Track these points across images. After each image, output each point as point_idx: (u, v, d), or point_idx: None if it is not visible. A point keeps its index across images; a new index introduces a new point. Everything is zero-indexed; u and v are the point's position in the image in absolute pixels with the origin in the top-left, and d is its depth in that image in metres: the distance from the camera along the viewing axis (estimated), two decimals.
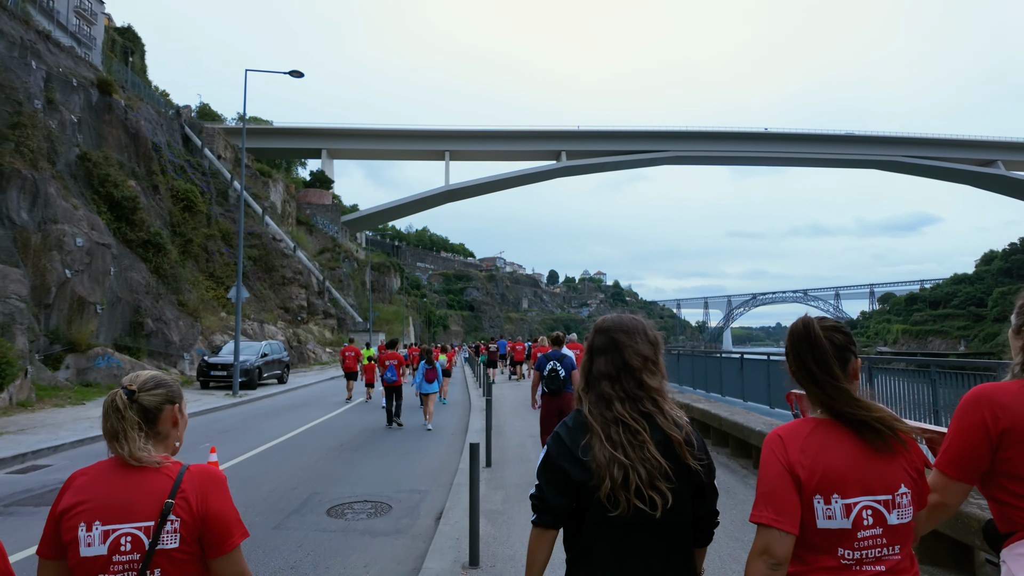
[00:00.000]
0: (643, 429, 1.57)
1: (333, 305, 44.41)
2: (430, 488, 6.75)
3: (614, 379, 1.65)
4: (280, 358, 22.00)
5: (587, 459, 1.55)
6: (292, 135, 73.40)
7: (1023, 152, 72.56)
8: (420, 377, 12.25)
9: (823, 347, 1.56)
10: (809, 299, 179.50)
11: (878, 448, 1.48)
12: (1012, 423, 1.53)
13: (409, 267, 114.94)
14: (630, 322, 1.75)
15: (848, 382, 1.56)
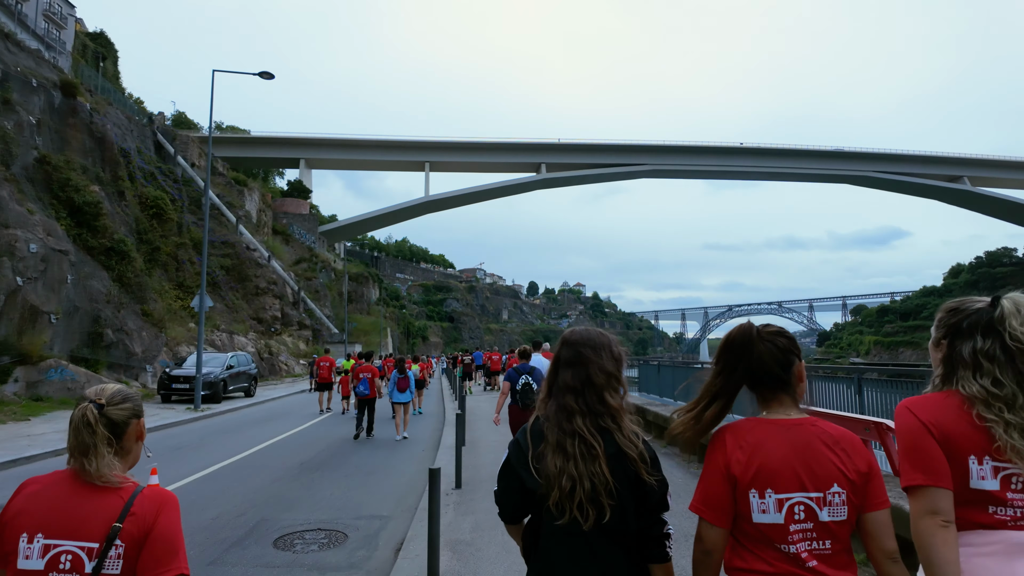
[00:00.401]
0: (598, 444, 1.61)
1: (308, 316, 43.44)
2: (393, 514, 6.17)
3: (578, 392, 1.68)
4: (248, 370, 21.18)
5: (539, 467, 1.61)
6: (269, 144, 72.39)
7: (988, 168, 74.65)
8: (392, 386, 12.20)
9: (765, 353, 1.64)
10: (784, 311, 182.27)
11: (811, 447, 1.55)
12: (940, 433, 1.56)
13: (388, 278, 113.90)
14: (597, 337, 1.79)
15: (794, 385, 1.66)
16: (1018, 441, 1.49)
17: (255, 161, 73.70)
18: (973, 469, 1.54)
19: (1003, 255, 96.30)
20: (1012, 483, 1.52)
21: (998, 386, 1.56)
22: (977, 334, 1.63)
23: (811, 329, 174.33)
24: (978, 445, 1.54)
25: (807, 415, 1.66)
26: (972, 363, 1.61)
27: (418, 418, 15.93)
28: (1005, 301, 1.63)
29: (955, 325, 1.69)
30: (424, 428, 13.87)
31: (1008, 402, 1.54)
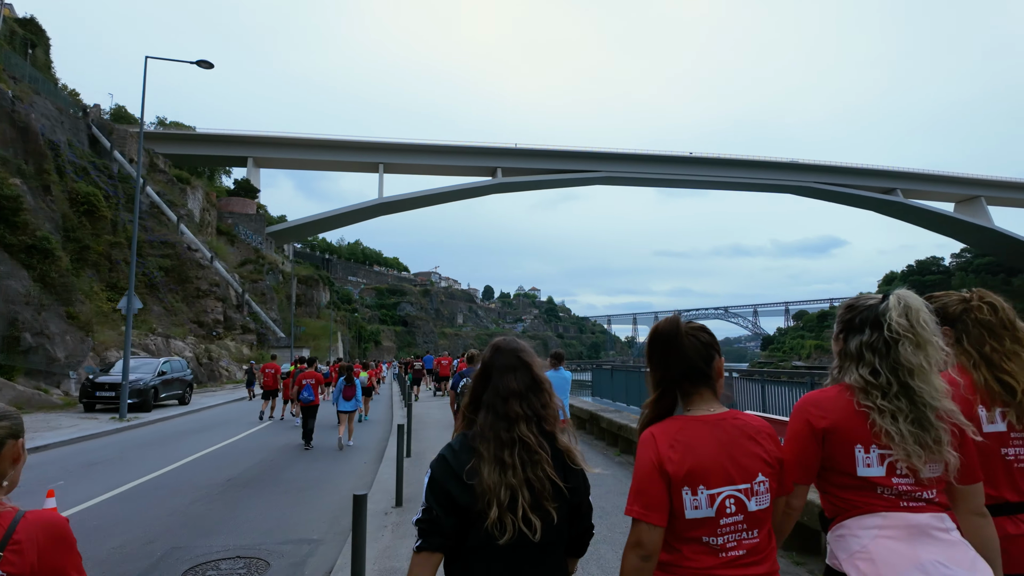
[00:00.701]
0: (543, 449, 1.58)
1: (253, 319, 41.72)
2: (325, 537, 5.62)
3: (523, 397, 1.63)
4: (182, 376, 19.95)
5: (472, 483, 1.53)
6: (216, 142, 69.56)
7: (919, 182, 78.88)
8: (338, 394, 11.85)
9: (689, 347, 1.67)
10: (730, 316, 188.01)
11: (736, 441, 1.60)
12: (833, 423, 1.66)
13: (340, 281, 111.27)
14: (527, 346, 1.75)
15: (714, 380, 1.69)
16: (891, 426, 1.60)
17: (201, 159, 70.74)
18: (859, 457, 1.64)
19: (931, 263, 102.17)
20: (897, 468, 1.61)
21: (875, 375, 1.66)
22: (866, 328, 1.72)
23: (756, 334, 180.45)
24: (865, 434, 1.64)
25: (726, 409, 1.70)
26: (857, 355, 1.72)
27: (364, 426, 15.36)
28: (891, 296, 1.72)
29: (850, 321, 1.79)
30: (370, 436, 13.33)
31: (883, 390, 1.64)
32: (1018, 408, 1.86)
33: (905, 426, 1.59)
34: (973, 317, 2.00)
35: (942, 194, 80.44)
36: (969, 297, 2.06)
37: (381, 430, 14.32)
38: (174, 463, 9.46)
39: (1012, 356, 1.92)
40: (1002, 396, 1.87)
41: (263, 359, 36.50)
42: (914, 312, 1.67)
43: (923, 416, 1.60)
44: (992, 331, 1.96)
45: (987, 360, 1.93)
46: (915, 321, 1.66)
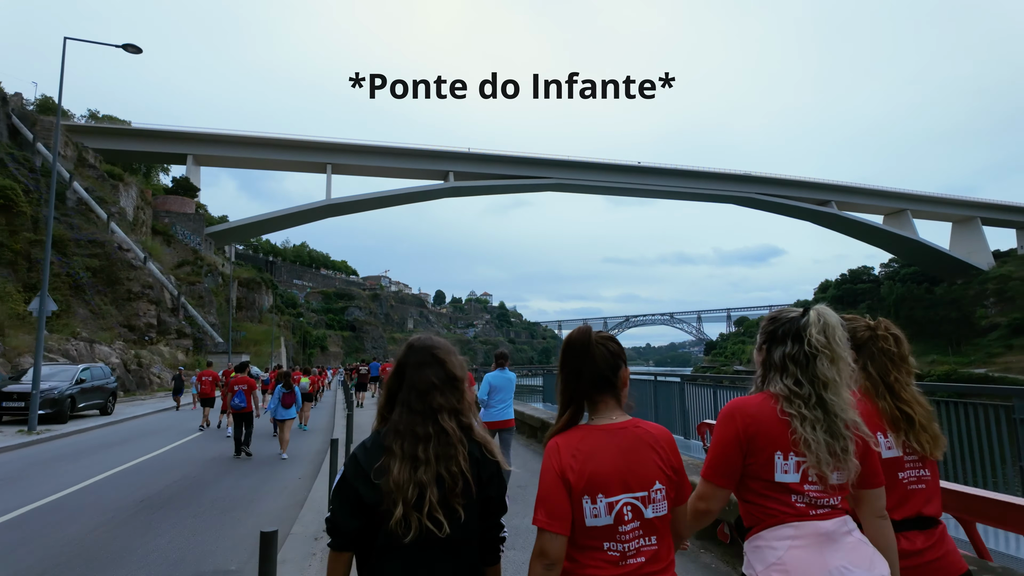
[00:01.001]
0: (462, 442, 1.60)
1: (189, 323, 39.68)
2: (243, 568, 5.01)
3: (441, 390, 1.64)
4: (104, 384, 18.54)
5: (379, 481, 1.53)
6: (153, 138, 66.25)
7: (851, 195, 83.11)
8: (275, 402, 11.48)
9: (599, 356, 1.70)
10: (675, 321, 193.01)
11: (636, 449, 1.64)
12: (757, 430, 1.73)
13: (285, 284, 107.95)
14: (444, 343, 1.76)
15: (619, 389, 1.73)
16: (810, 434, 1.67)
17: (137, 155, 67.20)
18: (778, 463, 1.71)
19: (862, 273, 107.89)
20: (809, 475, 1.69)
21: (799, 386, 1.74)
22: (788, 340, 1.80)
23: (699, 339, 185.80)
24: (784, 442, 1.71)
25: (629, 417, 1.72)
26: (780, 366, 1.79)
27: (304, 435, 14.68)
28: (811, 312, 1.80)
29: (772, 332, 1.86)
30: (308, 447, 12.70)
31: (805, 400, 1.72)
32: (914, 435, 2.02)
33: (820, 434, 1.68)
34: (880, 347, 2.14)
35: (872, 207, 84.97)
36: (875, 325, 2.20)
37: (320, 441, 13.71)
38: (83, 481, 8.57)
39: (907, 387, 2.10)
40: (900, 423, 2.02)
41: (200, 365, 34.77)
42: (831, 329, 1.77)
43: (835, 426, 1.70)
44: (894, 362, 2.12)
45: (890, 389, 2.08)
46: (831, 338, 1.76)
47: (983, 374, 60.20)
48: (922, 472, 2.04)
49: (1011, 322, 69.85)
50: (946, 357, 70.45)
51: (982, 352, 69.78)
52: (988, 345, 70.67)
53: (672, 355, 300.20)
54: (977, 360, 68.00)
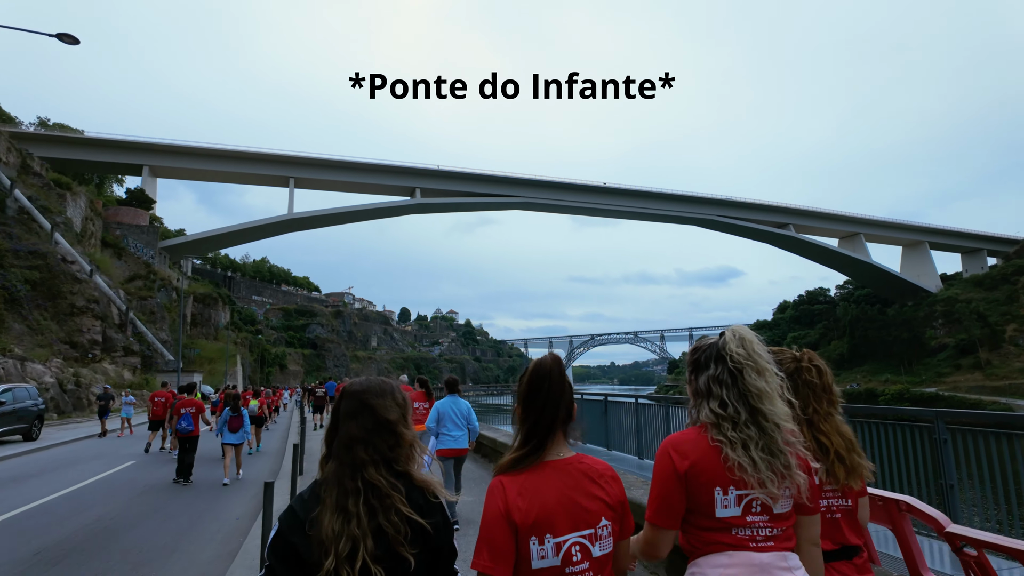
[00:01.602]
0: (397, 491, 1.53)
1: (138, 340, 37.87)
2: None
3: (367, 442, 1.59)
4: (30, 406, 17.05)
5: (313, 533, 1.48)
6: (107, 147, 63.91)
7: (808, 218, 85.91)
8: (222, 425, 11.00)
9: (566, 388, 1.66)
10: (639, 340, 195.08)
11: (581, 485, 1.61)
12: (694, 468, 1.69)
13: (244, 300, 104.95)
14: (379, 384, 1.72)
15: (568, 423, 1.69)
16: (743, 456, 1.64)
17: (90, 165, 64.70)
18: (718, 499, 1.67)
19: (819, 294, 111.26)
20: (752, 507, 1.67)
21: (724, 407, 1.72)
22: (711, 363, 1.80)
23: (662, 358, 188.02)
24: (724, 477, 1.67)
25: (574, 452, 1.68)
26: (706, 390, 1.78)
27: (254, 460, 13.91)
28: (727, 332, 1.82)
29: (696, 361, 1.86)
30: (257, 472, 11.98)
31: (733, 420, 1.69)
32: (830, 465, 2.03)
33: (757, 453, 1.64)
34: (803, 378, 2.13)
35: (828, 230, 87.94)
36: (800, 357, 2.20)
37: (271, 466, 12.98)
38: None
39: (827, 418, 2.11)
40: (817, 454, 2.01)
41: (150, 385, 33.10)
42: (748, 342, 1.77)
43: (772, 442, 1.67)
44: (815, 393, 2.13)
45: (808, 420, 2.08)
46: (751, 350, 1.75)
47: (934, 393, 62.28)
48: (841, 501, 2.06)
49: (958, 343, 72.73)
50: (899, 376, 72.77)
51: (932, 372, 72.33)
52: (937, 365, 73.33)
53: (636, 373, 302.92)
54: (928, 379, 70.40)
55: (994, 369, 66.98)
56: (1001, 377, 64.56)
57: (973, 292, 79.78)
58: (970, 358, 70.54)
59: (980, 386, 63.67)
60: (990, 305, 74.99)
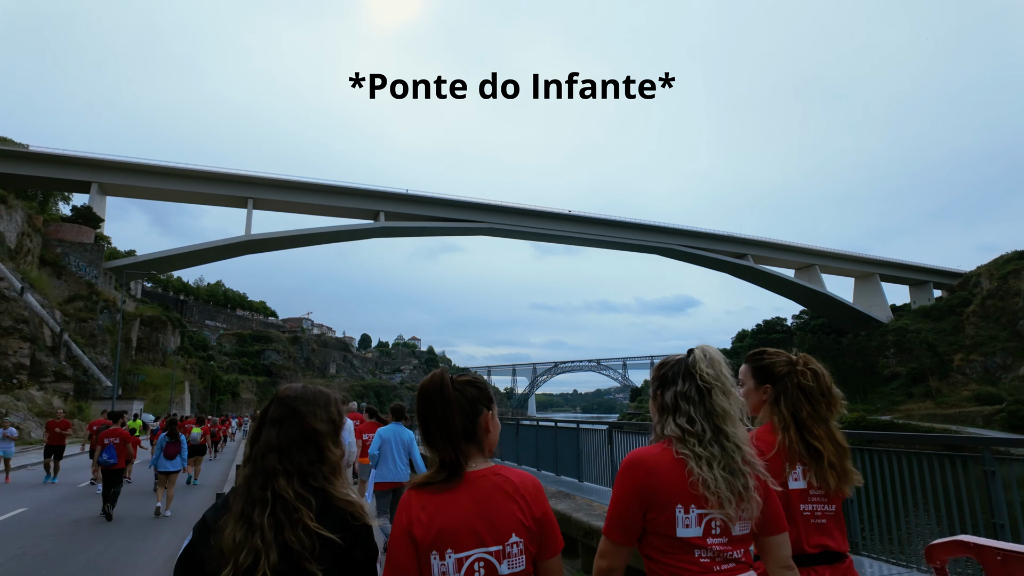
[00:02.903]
0: (307, 506, 1.44)
1: (72, 365, 35.27)
2: None
3: (283, 452, 1.50)
4: None
5: (214, 543, 1.41)
6: (53, 163, 60.80)
7: (766, 249, 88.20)
8: (159, 453, 10.56)
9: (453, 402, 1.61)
10: (602, 368, 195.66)
11: (492, 498, 1.54)
12: (657, 484, 1.66)
13: (196, 325, 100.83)
14: (315, 393, 1.65)
15: (480, 437, 1.63)
16: (707, 472, 1.62)
17: (34, 181, 61.31)
18: (679, 518, 1.65)
19: (776, 323, 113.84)
20: (712, 527, 1.65)
21: (691, 423, 1.71)
22: (679, 379, 1.78)
23: (624, 385, 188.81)
24: (686, 494, 1.65)
25: (491, 464, 1.63)
26: (673, 406, 1.77)
27: (190, 491, 12.70)
28: (696, 350, 1.81)
29: (663, 376, 1.84)
30: (194, 503, 10.92)
31: (699, 437, 1.69)
32: (820, 470, 1.99)
33: (719, 471, 1.63)
34: (796, 382, 2.10)
35: (785, 261, 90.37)
36: (796, 360, 2.16)
37: (207, 499, 11.72)
38: None
39: (821, 422, 2.06)
40: (805, 457, 2.00)
41: (84, 412, 30.64)
42: (717, 364, 1.77)
43: (732, 462, 1.66)
44: (811, 397, 2.08)
45: (799, 423, 2.04)
46: (719, 371, 1.75)
47: (888, 420, 63.68)
48: (827, 507, 2.01)
49: (909, 372, 74.94)
50: (855, 404, 74.35)
51: (886, 400, 74.16)
52: (891, 393, 75.27)
53: (598, 401, 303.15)
54: (882, 407, 72.09)
55: (944, 398, 69.12)
56: (951, 405, 66.58)
57: (922, 323, 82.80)
58: (921, 387, 72.70)
59: (931, 414, 65.45)
60: (938, 335, 77.86)
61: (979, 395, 66.22)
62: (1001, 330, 73.32)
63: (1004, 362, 70.34)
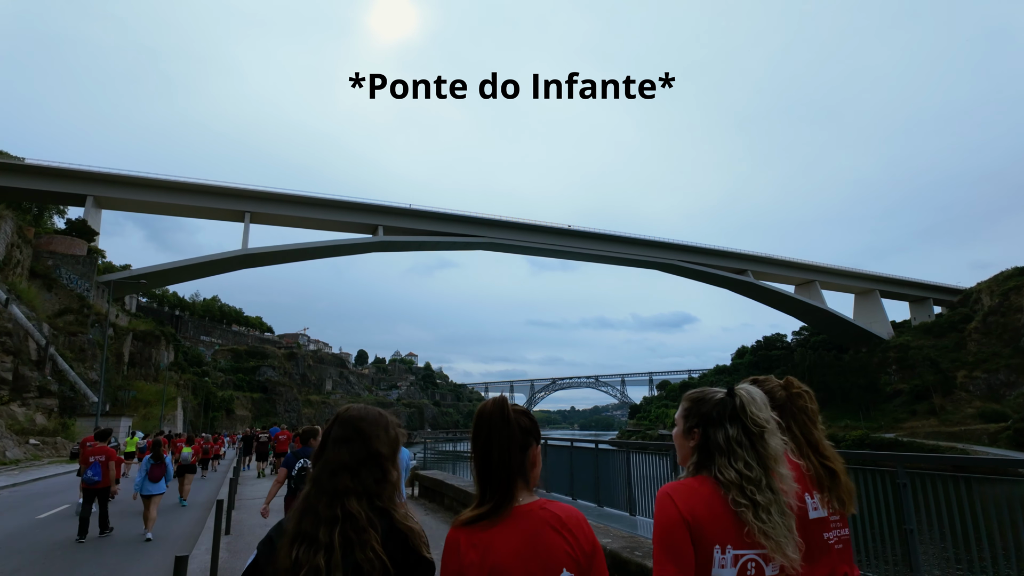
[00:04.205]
0: (374, 528, 1.45)
1: (58, 379, 34.24)
2: None
3: (354, 471, 1.51)
4: None
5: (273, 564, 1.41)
6: (49, 175, 60.25)
7: (767, 265, 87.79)
8: (142, 475, 10.14)
9: (513, 432, 1.57)
10: (600, 385, 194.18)
11: (541, 534, 1.50)
12: (701, 516, 1.61)
13: (191, 340, 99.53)
14: (376, 415, 1.66)
15: (528, 470, 1.60)
16: (766, 522, 1.58)
17: (29, 194, 60.66)
18: (716, 558, 1.59)
19: (776, 340, 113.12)
20: (747, 568, 1.59)
21: (749, 469, 1.65)
22: (726, 422, 1.71)
23: (623, 402, 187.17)
24: (725, 534, 1.60)
25: (536, 498, 1.60)
26: (727, 449, 1.69)
27: (178, 513, 12.01)
28: (741, 391, 1.74)
29: (706, 415, 1.76)
30: (180, 526, 10.44)
31: (756, 483, 1.64)
32: (836, 492, 1.93)
33: (777, 517, 1.60)
34: (798, 405, 2.06)
35: (785, 277, 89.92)
36: (787, 384, 2.11)
37: (197, 519, 11.08)
38: None
39: (823, 443, 2.02)
40: (825, 481, 1.93)
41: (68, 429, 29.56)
42: (764, 406, 1.73)
43: (782, 503, 1.63)
44: (811, 418, 2.05)
45: (814, 447, 1.98)
46: (768, 414, 1.72)
47: (893, 438, 62.71)
48: (844, 531, 1.96)
49: (912, 388, 74.10)
50: (858, 422, 73.35)
51: (889, 417, 73.19)
52: (894, 411, 74.32)
53: (596, 419, 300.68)
54: (885, 425, 71.12)
55: (948, 415, 68.23)
56: (955, 423, 65.68)
57: (924, 339, 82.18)
58: (924, 404, 71.82)
59: (937, 431, 64.53)
60: (940, 352, 77.18)
61: (984, 412, 65.38)
62: (1004, 347, 72.72)
63: (1008, 379, 69.62)
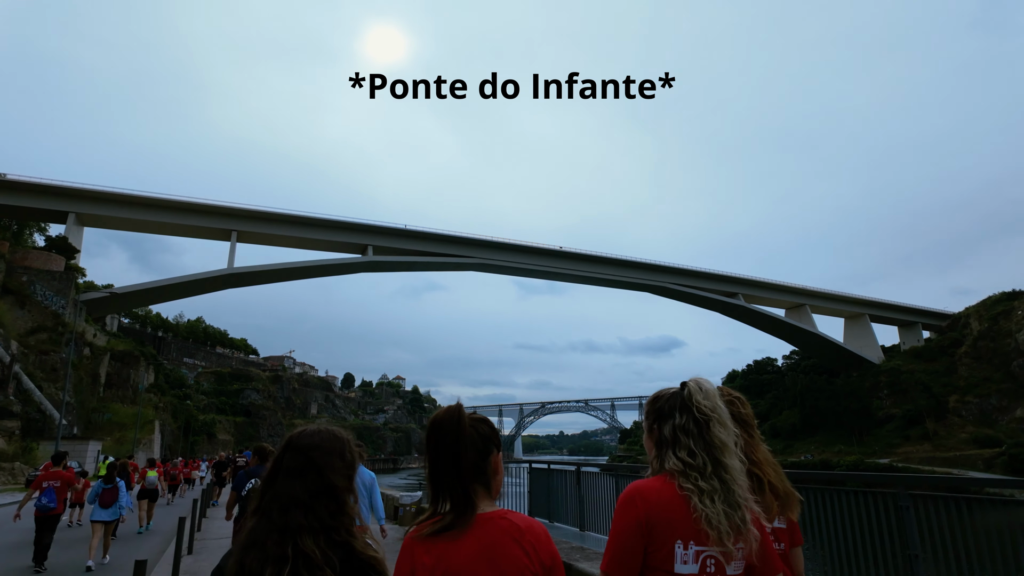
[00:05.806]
0: (331, 565, 1.38)
1: (22, 400, 32.63)
2: None
3: (308, 507, 1.43)
4: None
5: None
6: (30, 192, 59.03)
7: (757, 288, 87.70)
8: (92, 499, 9.78)
9: (468, 437, 1.55)
10: (590, 409, 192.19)
11: (499, 543, 1.47)
12: (658, 518, 1.62)
13: (174, 362, 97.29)
14: (330, 440, 1.57)
15: (490, 477, 1.58)
16: (710, 508, 1.59)
17: (8, 210, 59.23)
18: (678, 554, 1.60)
19: (767, 364, 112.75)
20: (707, 565, 1.60)
21: (692, 456, 1.67)
22: (676, 412, 1.74)
23: (613, 427, 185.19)
24: (686, 530, 1.61)
25: (497, 508, 1.58)
26: (672, 439, 1.73)
27: (139, 539, 11.22)
28: (690, 383, 1.78)
29: (659, 410, 1.80)
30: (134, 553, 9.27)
31: (700, 471, 1.65)
32: (765, 499, 1.91)
33: (720, 505, 1.60)
34: (732, 411, 1.98)
35: (775, 300, 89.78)
36: (722, 392, 2.06)
37: (158, 546, 10.15)
38: None
39: (756, 448, 2.03)
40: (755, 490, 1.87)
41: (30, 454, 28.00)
42: (712, 395, 1.75)
43: (731, 495, 1.62)
44: (746, 425, 2.04)
45: (747, 456, 1.92)
46: (715, 403, 1.73)
47: (887, 463, 61.94)
48: (776, 545, 1.95)
49: (905, 413, 73.64)
50: (851, 447, 72.55)
51: (883, 442, 72.50)
52: (887, 436, 73.66)
53: (586, 443, 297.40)
54: (879, 450, 70.38)
55: (942, 440, 67.68)
56: (950, 448, 65.10)
57: (914, 363, 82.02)
58: (918, 429, 71.27)
59: (931, 457, 63.87)
60: (931, 376, 76.95)
61: (977, 437, 64.94)
62: (995, 371, 72.65)
63: (1000, 403, 69.39)
